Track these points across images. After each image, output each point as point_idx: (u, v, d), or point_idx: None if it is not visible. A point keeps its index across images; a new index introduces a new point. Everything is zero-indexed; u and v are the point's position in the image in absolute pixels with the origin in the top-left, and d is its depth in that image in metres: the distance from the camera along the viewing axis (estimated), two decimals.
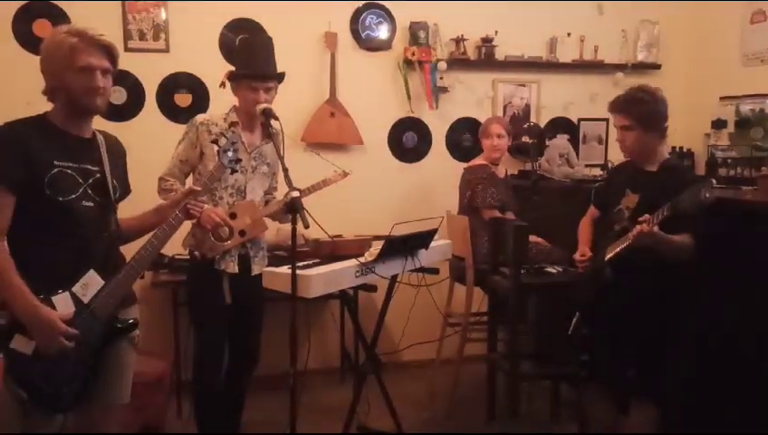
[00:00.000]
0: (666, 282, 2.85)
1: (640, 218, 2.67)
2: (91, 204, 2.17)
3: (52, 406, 2.11)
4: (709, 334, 3.14)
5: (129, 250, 2.32)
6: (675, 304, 2.91)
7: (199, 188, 2.38)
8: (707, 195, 2.50)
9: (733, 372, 3.05)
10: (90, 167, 2.18)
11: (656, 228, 2.65)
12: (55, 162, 2.09)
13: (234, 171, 2.72)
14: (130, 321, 2.29)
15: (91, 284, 2.14)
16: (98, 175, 2.20)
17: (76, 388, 2.14)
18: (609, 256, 2.90)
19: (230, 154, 2.43)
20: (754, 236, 2.99)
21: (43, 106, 2.20)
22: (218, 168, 2.45)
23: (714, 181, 2.56)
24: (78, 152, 2.16)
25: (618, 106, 2.94)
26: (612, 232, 2.97)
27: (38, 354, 2.05)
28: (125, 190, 2.37)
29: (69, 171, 2.12)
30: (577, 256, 3.17)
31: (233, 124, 3.18)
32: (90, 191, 2.17)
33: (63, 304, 2.08)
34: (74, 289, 2.11)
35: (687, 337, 3.07)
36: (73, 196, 2.12)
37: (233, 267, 3.18)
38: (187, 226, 3.13)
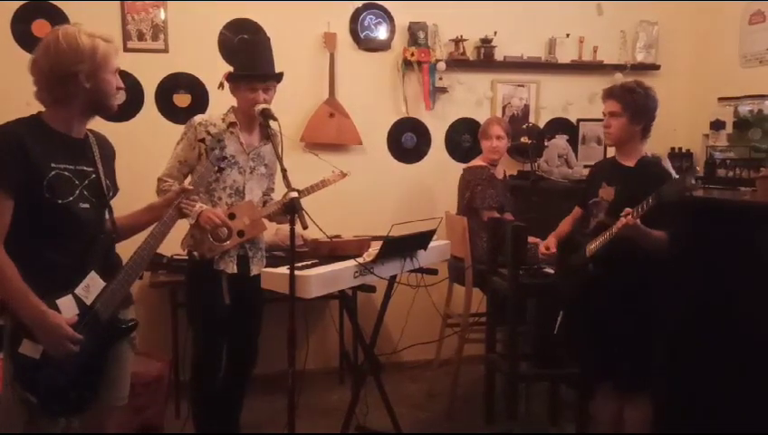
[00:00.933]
0: (651, 276, 2.90)
1: (623, 212, 2.73)
2: (88, 205, 2.16)
3: (59, 409, 2.10)
4: (700, 329, 3.17)
5: (123, 249, 2.31)
6: (661, 298, 2.95)
7: (191, 187, 2.38)
8: (693, 181, 2.60)
9: (725, 365, 3.06)
10: (85, 168, 2.17)
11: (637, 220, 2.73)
12: (53, 165, 2.07)
13: (221, 169, 2.72)
14: (132, 321, 2.29)
15: (92, 285, 2.13)
16: (93, 176, 2.19)
17: (83, 390, 2.14)
18: (590, 251, 2.94)
19: (216, 152, 2.44)
20: (752, 236, 3.01)
21: (42, 107, 2.18)
22: (207, 166, 2.46)
23: (697, 169, 2.64)
24: (74, 153, 2.15)
25: (611, 92, 3.05)
26: (589, 229, 3.03)
27: (46, 358, 2.04)
28: (115, 189, 2.35)
29: (66, 173, 2.10)
30: (541, 247, 3.25)
31: (231, 125, 3.18)
32: (86, 193, 2.15)
33: (67, 306, 2.07)
34: (77, 291, 2.10)
35: (676, 330, 3.09)
36: (71, 198, 2.10)
37: (232, 268, 3.18)
38: (185, 225, 3.13)
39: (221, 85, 3.26)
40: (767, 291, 2.74)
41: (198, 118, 3.20)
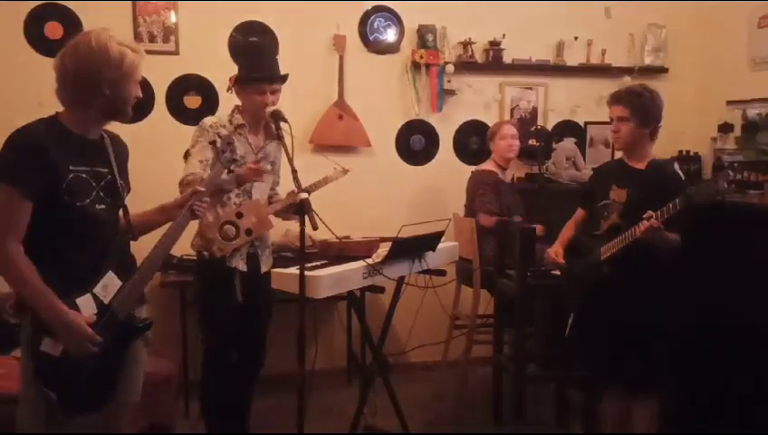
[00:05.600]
0: (666, 277, 2.90)
1: (646, 215, 2.72)
2: (104, 206, 2.18)
3: (78, 407, 2.12)
4: (712, 330, 3.18)
5: (137, 249, 2.34)
6: (674, 300, 2.96)
7: (203, 189, 2.39)
8: (725, 185, 2.56)
9: (736, 369, 3.07)
10: (101, 169, 2.19)
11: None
12: (71, 167, 2.09)
13: (230, 171, 2.74)
14: (148, 320, 2.31)
15: (110, 285, 2.15)
16: (108, 176, 2.21)
17: (101, 388, 2.16)
18: (606, 254, 2.94)
19: (227, 154, 2.46)
20: (759, 238, 3.03)
21: (55, 107, 2.20)
22: (218, 169, 2.47)
23: (729, 172, 2.61)
24: (90, 155, 2.17)
25: (619, 96, 3.04)
26: (601, 231, 3.02)
27: (66, 356, 2.06)
28: (128, 188, 2.37)
29: (83, 175, 2.12)
30: (551, 253, 3.20)
31: (239, 127, 3.19)
32: (102, 193, 2.18)
33: (86, 305, 2.09)
34: (95, 291, 2.12)
35: (686, 332, 3.10)
36: (88, 200, 2.13)
37: (243, 266, 3.20)
38: (193, 225, 3.15)
39: (230, 89, 3.28)
40: None
41: (209, 120, 3.20)
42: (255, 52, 3.31)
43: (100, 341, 2.08)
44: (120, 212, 2.28)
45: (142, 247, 2.32)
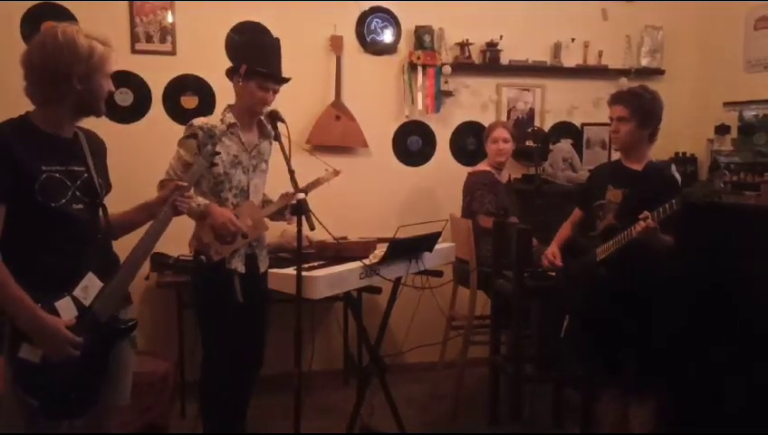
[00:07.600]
0: (661, 278, 2.92)
1: (642, 215, 2.73)
2: (81, 206, 2.13)
3: (61, 412, 2.08)
4: (708, 331, 3.18)
5: (120, 248, 2.30)
6: (669, 300, 2.96)
7: (186, 184, 2.34)
8: (722, 185, 2.61)
9: (733, 370, 3.08)
10: (76, 168, 2.14)
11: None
12: (43, 167, 2.04)
13: (213, 165, 2.72)
14: (132, 321, 2.26)
15: (90, 286, 2.11)
16: (85, 175, 2.16)
17: (85, 393, 2.12)
18: (602, 255, 2.95)
19: (209, 148, 2.45)
20: (757, 240, 3.03)
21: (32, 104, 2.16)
22: (200, 162, 2.46)
23: (726, 172, 2.63)
24: (64, 154, 2.12)
25: (619, 97, 3.07)
26: (596, 232, 3.03)
27: (46, 362, 2.02)
28: (107, 186, 2.31)
29: (57, 175, 2.07)
30: (548, 254, 3.24)
31: (231, 126, 3.17)
32: (78, 193, 2.12)
33: (66, 308, 2.05)
34: (75, 293, 2.08)
35: (682, 332, 3.11)
36: (64, 200, 2.08)
37: (241, 267, 3.19)
38: (190, 226, 3.15)
39: (238, 74, 3.19)
40: None
41: (198, 121, 3.15)
42: (267, 48, 3.28)
43: (80, 341, 2.04)
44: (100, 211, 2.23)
45: (128, 246, 2.27)
